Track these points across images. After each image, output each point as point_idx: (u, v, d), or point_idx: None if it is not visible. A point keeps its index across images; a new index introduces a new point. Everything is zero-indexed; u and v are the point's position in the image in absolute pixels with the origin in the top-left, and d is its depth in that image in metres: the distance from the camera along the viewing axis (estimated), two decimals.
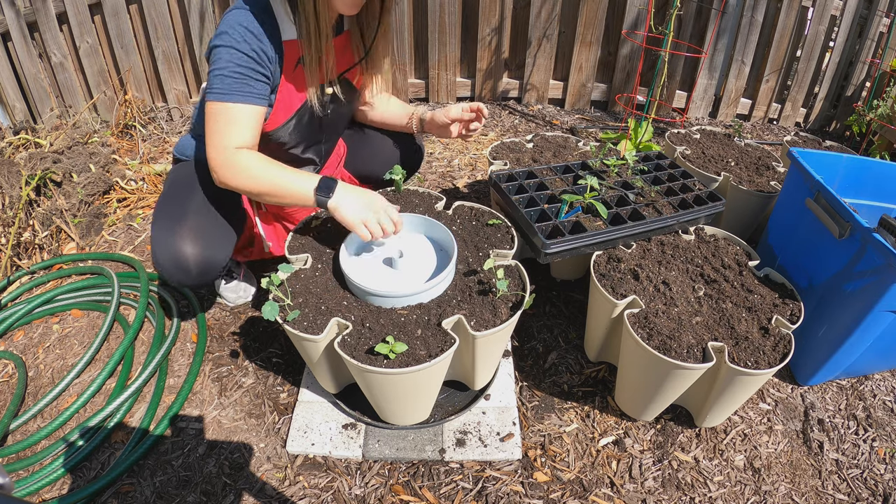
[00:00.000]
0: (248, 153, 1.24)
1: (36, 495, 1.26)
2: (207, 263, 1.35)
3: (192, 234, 1.33)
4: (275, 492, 1.28)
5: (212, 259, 1.36)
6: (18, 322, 1.69)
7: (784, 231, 1.63)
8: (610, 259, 1.47)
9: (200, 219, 1.37)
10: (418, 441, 1.36)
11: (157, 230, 1.35)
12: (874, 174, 1.72)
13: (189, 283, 1.36)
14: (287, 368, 1.57)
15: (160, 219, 1.37)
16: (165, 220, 1.35)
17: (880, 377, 1.65)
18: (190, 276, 1.34)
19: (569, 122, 3.10)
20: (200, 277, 1.36)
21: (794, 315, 1.33)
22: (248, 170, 1.23)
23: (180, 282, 1.36)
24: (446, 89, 3.18)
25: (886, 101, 2.61)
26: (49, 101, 2.61)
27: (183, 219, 1.35)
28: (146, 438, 1.36)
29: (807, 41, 2.95)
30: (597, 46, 3.01)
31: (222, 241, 1.40)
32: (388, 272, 1.35)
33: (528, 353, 1.64)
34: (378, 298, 1.24)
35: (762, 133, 3.12)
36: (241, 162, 1.23)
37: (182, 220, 1.34)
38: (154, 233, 1.35)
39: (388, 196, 1.59)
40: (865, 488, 1.35)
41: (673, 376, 1.22)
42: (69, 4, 2.48)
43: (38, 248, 1.95)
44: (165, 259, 1.32)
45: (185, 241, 1.32)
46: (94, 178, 2.21)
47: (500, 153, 1.97)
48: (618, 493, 1.30)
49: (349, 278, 1.26)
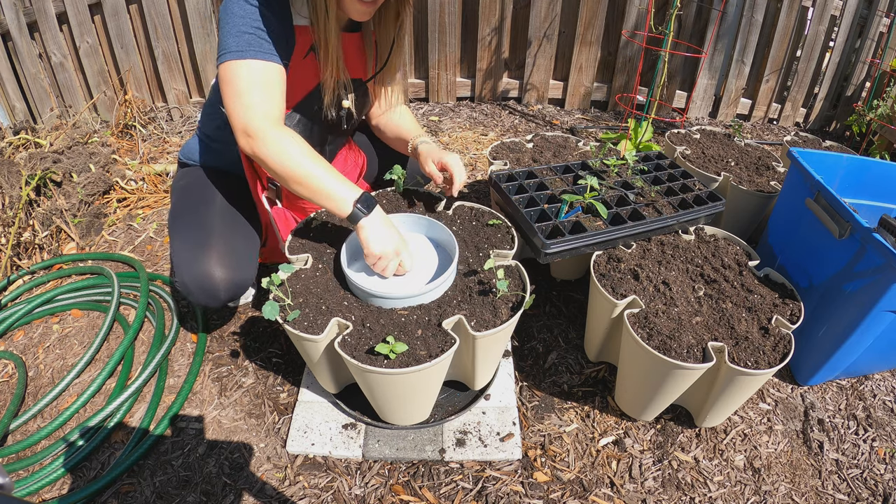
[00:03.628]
0: (289, 131, 1.16)
1: (36, 495, 1.26)
2: (237, 286, 1.31)
3: (220, 256, 1.28)
4: (275, 492, 1.28)
5: (241, 281, 1.32)
6: (18, 322, 1.69)
7: (784, 231, 1.63)
8: (610, 259, 1.47)
9: (226, 237, 1.32)
10: (418, 441, 1.36)
11: (181, 251, 1.29)
12: (874, 174, 1.72)
13: (216, 305, 1.32)
14: (287, 368, 1.57)
15: (182, 239, 1.31)
16: (188, 240, 1.30)
17: (880, 377, 1.65)
18: (218, 300, 1.30)
19: (569, 122, 3.10)
20: (228, 299, 1.33)
21: (794, 315, 1.33)
22: (286, 151, 1.14)
23: (206, 304, 1.31)
24: (446, 89, 3.18)
25: (886, 101, 2.61)
26: (49, 101, 2.61)
27: (208, 239, 1.29)
28: (146, 438, 1.36)
29: (807, 41, 2.95)
30: (597, 46, 3.01)
31: (249, 260, 1.36)
32: None
33: (528, 353, 1.64)
34: (379, 299, 1.24)
35: (762, 133, 3.12)
36: (282, 139, 1.13)
37: (207, 240, 1.29)
38: (177, 254, 1.29)
39: (388, 196, 1.59)
40: (865, 488, 1.35)
41: (673, 376, 1.22)
42: (69, 4, 2.48)
43: (38, 248, 1.94)
44: (193, 283, 1.27)
45: (213, 265, 1.27)
46: (94, 178, 2.21)
47: (500, 153, 1.97)
48: (618, 493, 1.30)
49: (350, 279, 1.26)
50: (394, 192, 1.61)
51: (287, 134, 1.16)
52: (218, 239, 1.32)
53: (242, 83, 1.11)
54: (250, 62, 1.11)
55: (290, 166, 1.15)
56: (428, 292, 1.24)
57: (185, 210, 1.38)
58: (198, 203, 1.39)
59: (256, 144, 1.13)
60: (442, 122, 3.03)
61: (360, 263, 1.37)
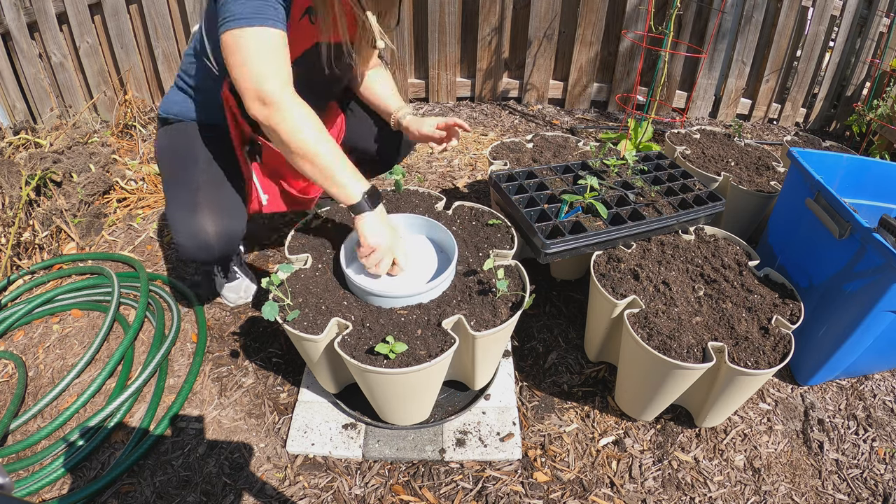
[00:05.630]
0: (302, 102, 1.15)
1: (36, 495, 1.26)
2: (228, 237, 1.34)
3: (209, 212, 1.31)
4: (275, 492, 1.28)
5: (232, 231, 1.35)
6: (18, 322, 1.69)
7: (784, 231, 1.63)
8: (610, 259, 1.47)
9: (213, 193, 1.34)
10: (418, 441, 1.36)
11: (174, 214, 1.32)
12: (874, 174, 1.71)
13: (212, 260, 1.35)
14: (287, 368, 1.57)
15: (174, 203, 1.34)
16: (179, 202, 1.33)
17: (880, 377, 1.65)
18: (212, 254, 1.33)
19: (569, 122, 3.10)
20: (222, 252, 1.35)
21: (794, 315, 1.33)
22: (301, 127, 1.13)
23: (204, 260, 1.34)
24: (446, 89, 3.18)
25: (886, 101, 2.61)
26: (49, 101, 2.61)
27: (196, 197, 1.32)
28: (146, 438, 1.36)
29: (807, 41, 2.95)
30: (597, 46, 3.01)
31: (238, 210, 1.38)
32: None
33: (528, 353, 1.64)
34: (378, 298, 1.24)
35: (762, 133, 3.12)
36: (298, 110, 1.13)
37: (195, 199, 1.31)
38: (171, 218, 1.33)
39: (388, 196, 1.59)
40: (865, 488, 1.35)
41: (673, 376, 1.22)
42: (69, 4, 2.48)
43: (38, 248, 1.94)
44: (187, 241, 1.31)
45: (203, 221, 1.30)
46: (94, 178, 2.21)
47: (500, 153, 1.97)
48: (618, 493, 1.30)
49: (350, 278, 1.26)
50: (394, 192, 1.61)
51: (302, 106, 1.15)
52: (205, 196, 1.34)
53: (252, 50, 1.09)
54: (258, 29, 1.10)
55: (302, 142, 1.13)
56: (427, 292, 1.25)
57: (173, 173, 1.40)
58: (184, 162, 1.39)
59: (272, 113, 1.11)
60: None
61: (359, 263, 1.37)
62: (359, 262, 1.37)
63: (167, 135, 1.48)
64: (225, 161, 1.42)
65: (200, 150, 1.39)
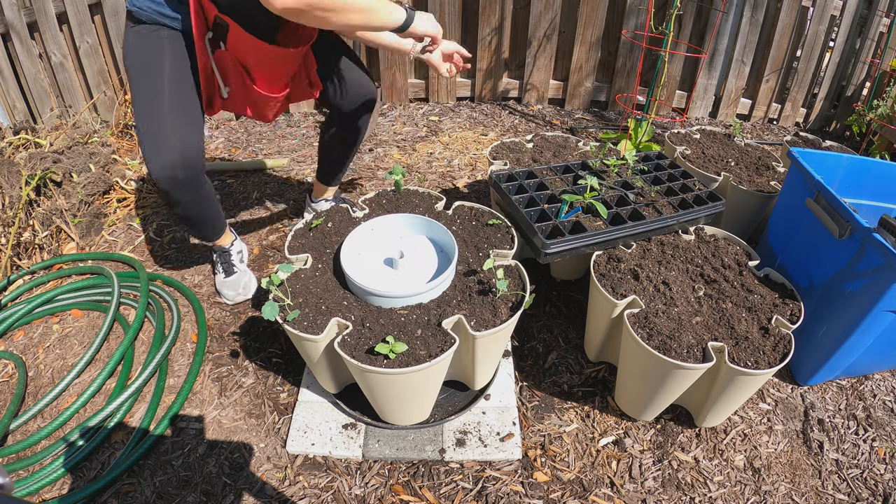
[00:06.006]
0: None
1: (36, 495, 1.26)
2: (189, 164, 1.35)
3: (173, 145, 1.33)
4: (275, 492, 1.28)
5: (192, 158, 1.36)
6: (18, 322, 1.69)
7: (784, 231, 1.63)
8: (610, 259, 1.47)
9: (175, 120, 1.36)
10: (418, 441, 1.36)
11: (143, 143, 1.34)
12: (874, 174, 1.71)
13: (180, 177, 1.36)
14: (287, 368, 1.57)
15: (142, 131, 1.35)
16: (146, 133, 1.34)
17: (880, 377, 1.65)
18: (176, 171, 1.35)
19: (569, 122, 3.10)
20: (186, 177, 1.36)
21: (794, 315, 1.33)
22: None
23: (172, 182, 1.36)
24: (446, 89, 3.18)
25: (886, 101, 2.61)
26: (49, 101, 2.61)
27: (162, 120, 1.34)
28: (146, 438, 1.36)
29: (807, 41, 2.95)
30: (597, 46, 3.01)
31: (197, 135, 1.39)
32: (388, 272, 1.35)
33: (528, 353, 1.64)
34: (378, 298, 1.24)
35: (762, 133, 3.12)
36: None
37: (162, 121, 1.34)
38: (141, 145, 1.35)
39: (388, 196, 1.59)
40: (865, 488, 1.35)
41: (673, 376, 1.22)
42: (69, 4, 2.48)
43: (38, 248, 1.95)
44: (158, 174, 1.33)
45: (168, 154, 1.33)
46: (94, 178, 2.21)
47: (500, 153, 1.97)
48: (618, 493, 1.30)
49: (350, 278, 1.26)
50: (394, 192, 1.61)
51: None
52: (169, 126, 1.35)
53: None
54: None
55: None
56: (427, 292, 1.25)
57: (138, 93, 1.39)
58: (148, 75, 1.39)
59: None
60: (442, 121, 3.03)
61: (360, 262, 1.37)
62: (360, 262, 1.36)
63: (131, 41, 1.45)
64: (185, 73, 1.41)
65: (162, 65, 1.38)
